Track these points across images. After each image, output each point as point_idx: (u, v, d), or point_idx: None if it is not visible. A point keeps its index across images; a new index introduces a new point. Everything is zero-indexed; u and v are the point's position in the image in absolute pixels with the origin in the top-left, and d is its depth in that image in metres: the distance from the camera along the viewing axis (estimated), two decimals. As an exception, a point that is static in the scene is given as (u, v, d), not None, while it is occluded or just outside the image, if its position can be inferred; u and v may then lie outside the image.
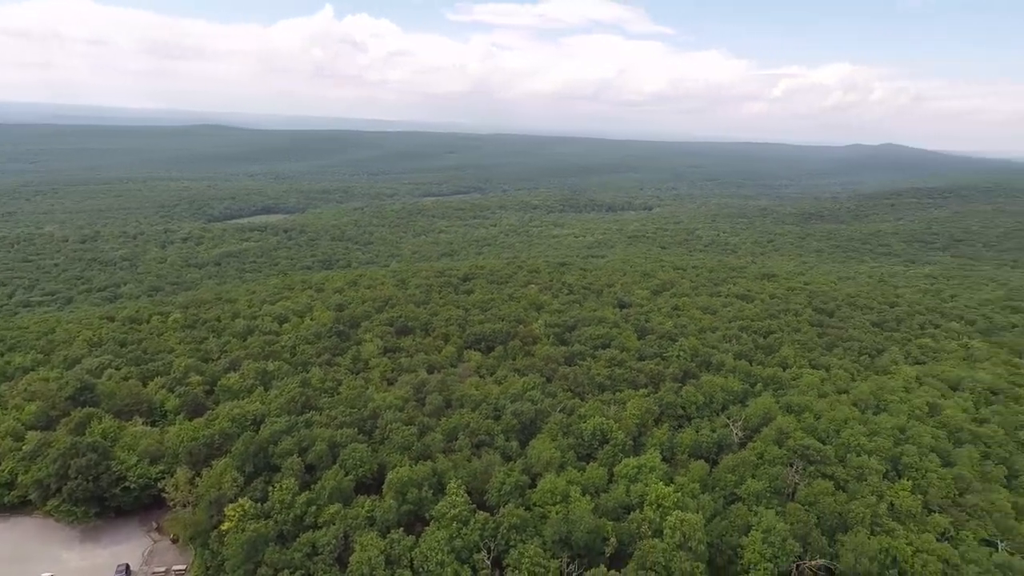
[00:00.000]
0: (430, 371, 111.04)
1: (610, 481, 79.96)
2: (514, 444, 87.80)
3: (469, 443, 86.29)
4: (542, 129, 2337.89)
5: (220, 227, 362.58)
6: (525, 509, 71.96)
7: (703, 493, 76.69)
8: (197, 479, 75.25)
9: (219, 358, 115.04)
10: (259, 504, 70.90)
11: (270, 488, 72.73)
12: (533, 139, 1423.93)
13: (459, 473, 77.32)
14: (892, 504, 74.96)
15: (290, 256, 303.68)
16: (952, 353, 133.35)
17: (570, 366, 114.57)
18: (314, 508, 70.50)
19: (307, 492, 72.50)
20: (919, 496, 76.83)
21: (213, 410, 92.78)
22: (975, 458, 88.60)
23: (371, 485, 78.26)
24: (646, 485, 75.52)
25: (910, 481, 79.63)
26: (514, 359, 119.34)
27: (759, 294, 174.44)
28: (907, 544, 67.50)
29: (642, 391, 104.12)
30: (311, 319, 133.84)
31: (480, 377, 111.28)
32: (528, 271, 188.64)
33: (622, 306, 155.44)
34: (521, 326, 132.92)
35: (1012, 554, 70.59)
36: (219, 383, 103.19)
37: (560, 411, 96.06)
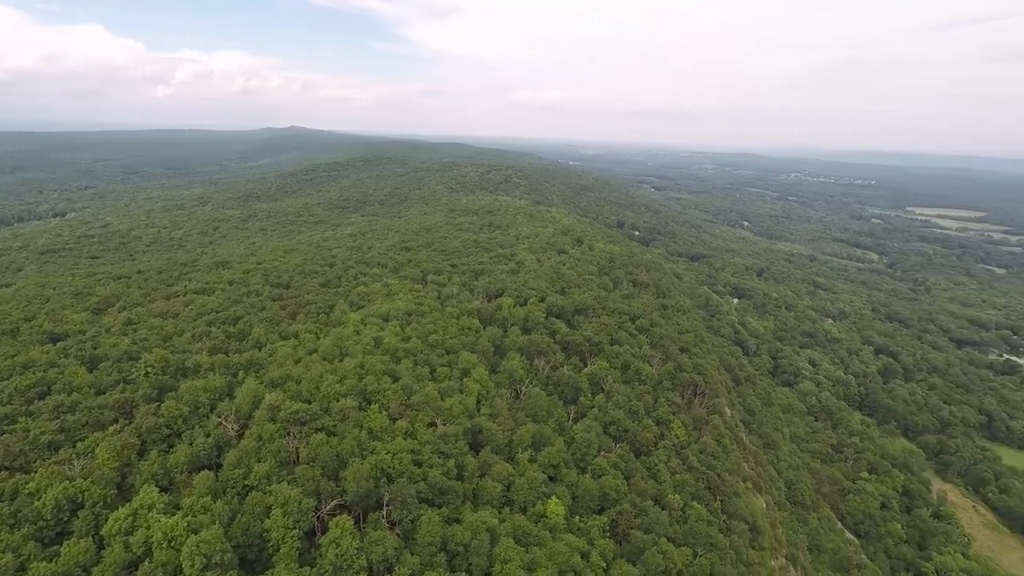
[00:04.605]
0: None
1: (101, 550, 66.87)
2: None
3: None
4: None
5: None
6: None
7: (216, 501, 74.27)
8: None
9: None
10: None
11: None
12: None
13: None
14: (370, 429, 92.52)
15: None
16: (379, 293, 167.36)
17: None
18: None
19: None
20: (384, 412, 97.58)
21: None
22: (410, 367, 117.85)
23: None
24: (148, 528, 67.10)
25: (377, 404, 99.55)
26: None
27: (218, 284, 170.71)
28: (387, 453, 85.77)
29: (112, 428, 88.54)
30: None
31: None
32: None
33: (55, 340, 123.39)
34: None
35: (445, 424, 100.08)
36: None
37: (-7, 503, 71.49)
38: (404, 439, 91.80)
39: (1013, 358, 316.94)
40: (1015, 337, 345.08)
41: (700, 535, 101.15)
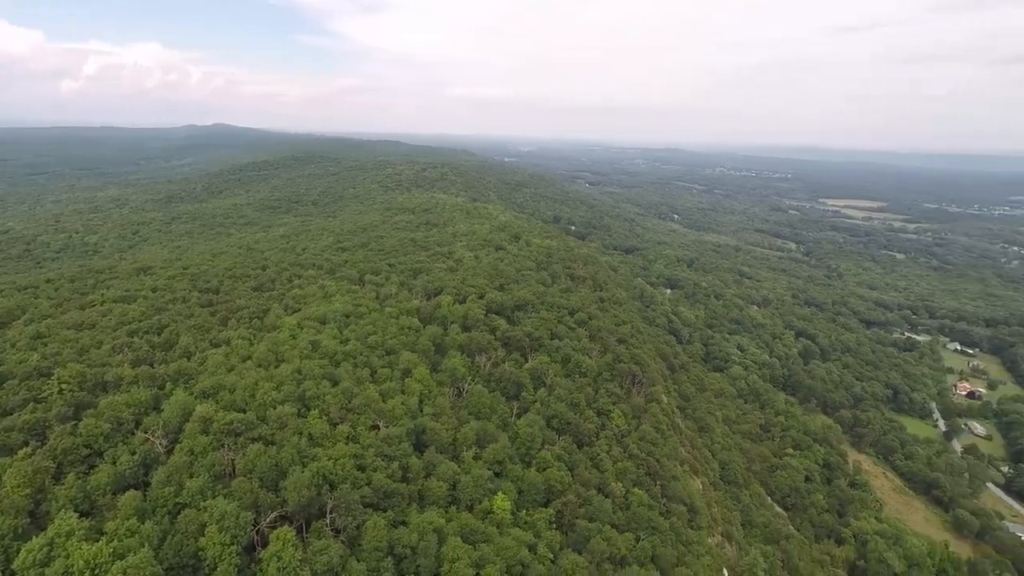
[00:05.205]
0: None
1: (14, 583, 62.01)
2: None
3: None
4: None
5: None
6: None
7: (144, 523, 70.25)
8: None
9: None
10: None
11: None
12: None
13: None
14: (310, 435, 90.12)
15: None
16: (315, 295, 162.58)
17: None
18: None
19: None
20: (325, 418, 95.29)
21: None
22: (350, 370, 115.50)
23: None
24: (68, 557, 62.70)
25: (316, 409, 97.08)
26: None
27: (140, 291, 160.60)
28: (328, 459, 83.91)
29: (22, 452, 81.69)
30: None
31: None
32: None
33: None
34: None
35: (388, 426, 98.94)
36: None
37: None
38: (346, 444, 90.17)
39: (913, 336, 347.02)
40: (914, 316, 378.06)
41: (642, 520, 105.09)
